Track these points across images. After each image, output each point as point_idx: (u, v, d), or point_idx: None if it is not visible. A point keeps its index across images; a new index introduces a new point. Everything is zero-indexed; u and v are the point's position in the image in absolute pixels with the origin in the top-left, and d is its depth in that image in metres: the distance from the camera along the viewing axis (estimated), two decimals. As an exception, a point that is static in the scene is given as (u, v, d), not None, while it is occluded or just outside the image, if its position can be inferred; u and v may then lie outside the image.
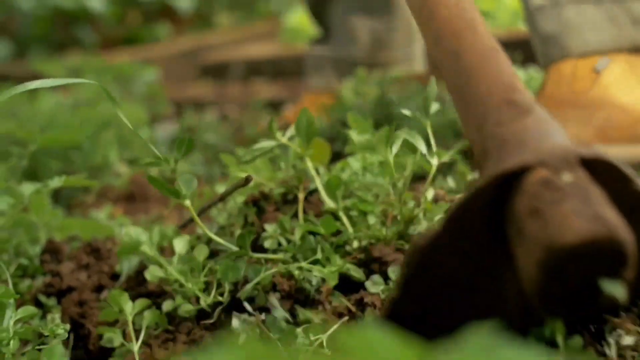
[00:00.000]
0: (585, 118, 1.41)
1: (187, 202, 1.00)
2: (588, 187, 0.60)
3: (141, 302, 1.04)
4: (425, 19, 0.86)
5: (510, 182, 0.66)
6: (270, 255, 1.07)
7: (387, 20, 2.19)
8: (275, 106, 2.50)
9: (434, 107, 1.10)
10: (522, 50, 2.24)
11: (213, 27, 5.52)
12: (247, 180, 1.06)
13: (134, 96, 2.66)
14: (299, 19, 3.92)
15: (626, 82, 1.45)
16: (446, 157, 1.17)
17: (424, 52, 2.29)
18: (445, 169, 1.49)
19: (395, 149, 1.07)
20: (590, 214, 0.57)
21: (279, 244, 1.11)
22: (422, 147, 1.11)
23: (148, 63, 3.29)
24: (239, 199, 1.20)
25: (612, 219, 0.57)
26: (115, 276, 1.26)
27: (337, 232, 1.11)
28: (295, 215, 1.17)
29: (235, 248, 1.03)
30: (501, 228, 0.67)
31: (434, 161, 1.12)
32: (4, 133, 1.60)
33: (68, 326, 1.04)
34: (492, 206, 0.68)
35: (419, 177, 1.29)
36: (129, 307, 1.02)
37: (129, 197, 1.78)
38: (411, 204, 1.11)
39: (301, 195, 1.15)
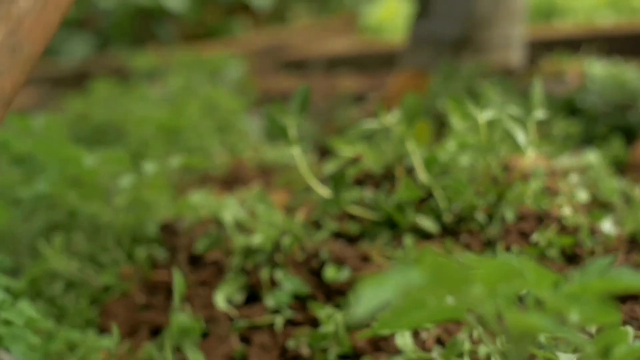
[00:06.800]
0: None
1: (296, 150, 1.12)
2: None
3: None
4: None
5: None
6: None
7: None
8: (359, 98, 2.60)
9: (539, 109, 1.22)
10: (601, 44, 2.30)
11: (287, 21, 5.65)
12: (357, 158, 1.17)
13: (223, 87, 2.78)
14: (380, 15, 3.99)
15: None
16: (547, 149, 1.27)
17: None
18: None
19: (495, 135, 1.17)
20: None
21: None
22: (519, 137, 1.21)
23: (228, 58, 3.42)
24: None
25: None
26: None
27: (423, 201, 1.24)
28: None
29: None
30: None
31: (530, 152, 1.22)
32: (116, 119, 1.74)
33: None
34: None
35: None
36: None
37: (228, 182, 1.89)
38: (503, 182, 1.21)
39: (398, 172, 1.25)
